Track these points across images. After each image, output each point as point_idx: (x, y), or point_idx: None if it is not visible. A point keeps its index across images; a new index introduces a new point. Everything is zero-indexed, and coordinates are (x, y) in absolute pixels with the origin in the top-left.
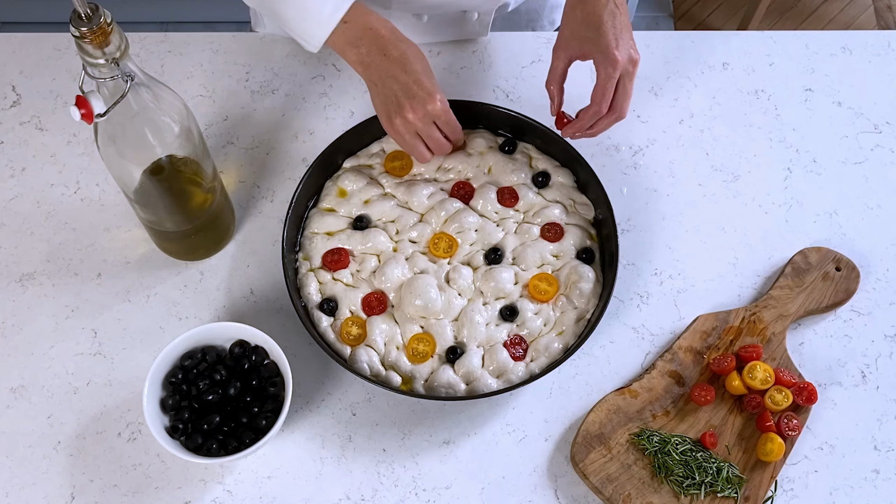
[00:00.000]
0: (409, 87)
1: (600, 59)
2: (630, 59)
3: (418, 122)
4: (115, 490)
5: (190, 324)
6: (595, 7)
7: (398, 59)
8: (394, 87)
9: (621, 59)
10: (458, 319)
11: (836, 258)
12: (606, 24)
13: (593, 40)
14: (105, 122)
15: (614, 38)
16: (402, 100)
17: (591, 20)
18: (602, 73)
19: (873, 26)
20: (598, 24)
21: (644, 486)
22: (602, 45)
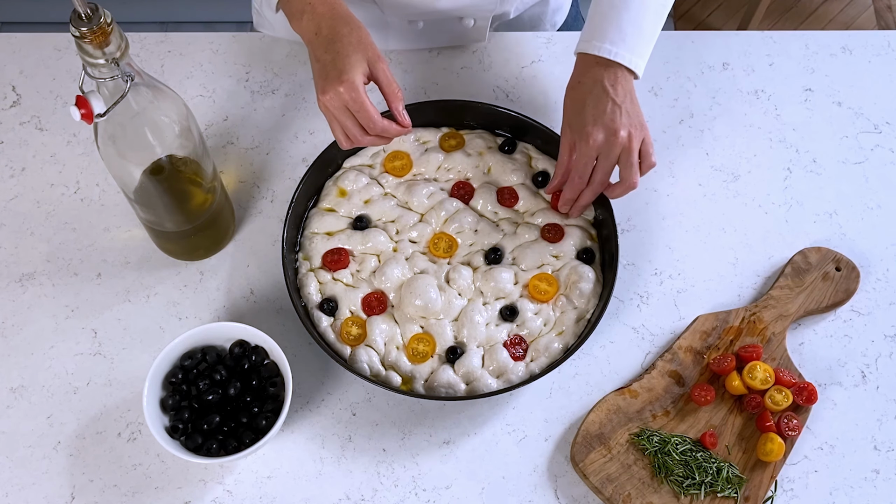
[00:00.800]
0: (325, 67)
1: (578, 141)
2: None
3: (329, 105)
4: (115, 490)
5: (190, 324)
6: (580, 93)
7: (326, 37)
8: (315, 67)
9: (595, 138)
10: (458, 319)
11: (836, 258)
12: (587, 107)
13: (574, 125)
14: (105, 122)
15: (592, 117)
16: (317, 80)
17: (576, 105)
18: (578, 152)
19: (873, 26)
20: (580, 109)
21: (644, 486)
22: (578, 127)
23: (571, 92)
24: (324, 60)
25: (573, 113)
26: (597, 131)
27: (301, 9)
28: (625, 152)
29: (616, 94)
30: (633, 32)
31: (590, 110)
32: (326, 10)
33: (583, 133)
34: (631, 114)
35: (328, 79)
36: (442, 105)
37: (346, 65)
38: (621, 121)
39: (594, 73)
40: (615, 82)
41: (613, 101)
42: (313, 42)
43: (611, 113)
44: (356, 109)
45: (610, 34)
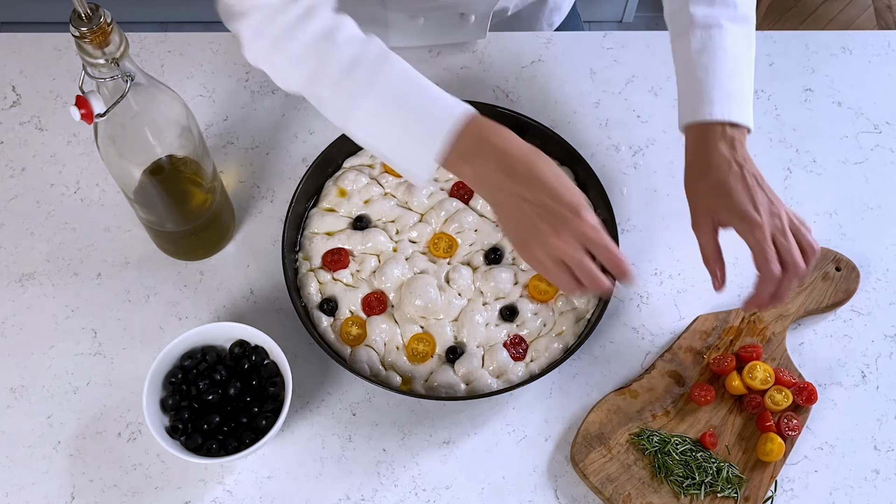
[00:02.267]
0: (546, 205)
1: (743, 228)
2: (773, 214)
3: (564, 248)
4: (115, 490)
5: (190, 324)
6: (718, 174)
7: (526, 176)
8: (527, 210)
9: (763, 219)
10: (458, 319)
11: (836, 258)
12: (736, 189)
13: (727, 208)
14: (105, 122)
15: (749, 200)
16: (539, 224)
17: (719, 189)
18: (751, 240)
19: (873, 26)
20: (727, 192)
21: (644, 486)
22: (739, 212)
23: (704, 179)
24: (539, 200)
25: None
26: (763, 213)
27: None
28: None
29: (751, 168)
30: (735, 88)
31: (740, 192)
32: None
33: (748, 220)
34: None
35: (557, 217)
36: None
37: (573, 197)
38: (770, 195)
39: (718, 150)
40: (741, 152)
41: (754, 177)
42: (504, 185)
43: (760, 189)
44: (598, 244)
45: (716, 96)
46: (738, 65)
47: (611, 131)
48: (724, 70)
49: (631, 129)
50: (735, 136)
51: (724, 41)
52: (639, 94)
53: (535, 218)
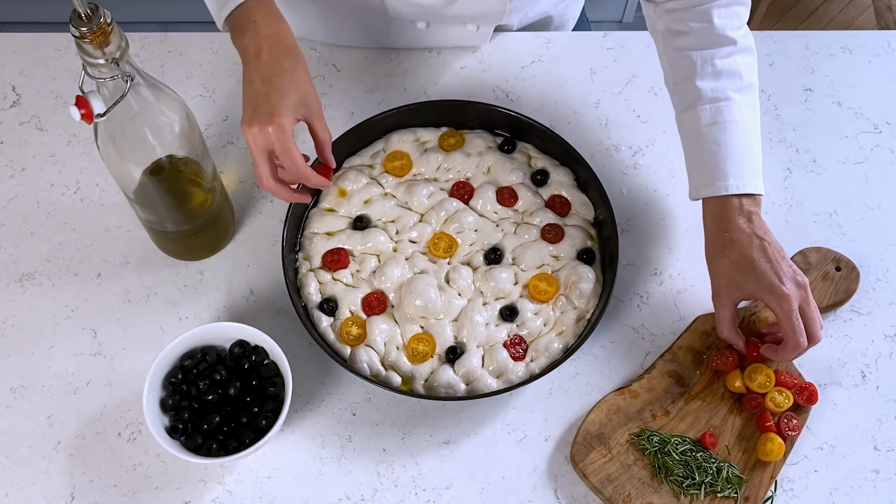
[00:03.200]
0: (257, 98)
1: (771, 300)
2: (798, 285)
3: (253, 140)
4: (115, 490)
5: (190, 324)
6: (742, 250)
7: (265, 65)
8: (247, 91)
9: (791, 292)
10: (458, 319)
11: (836, 258)
12: (760, 263)
13: (754, 282)
14: (105, 122)
15: (774, 274)
16: (246, 107)
17: (743, 264)
18: (779, 310)
19: (873, 26)
20: (751, 266)
21: (644, 486)
22: (766, 286)
23: (725, 255)
24: (257, 90)
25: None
26: (789, 287)
27: (244, 24)
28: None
29: (771, 241)
30: (747, 159)
31: (765, 266)
32: (271, 33)
33: (777, 293)
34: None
35: (258, 113)
36: (442, 105)
37: (279, 105)
38: (793, 267)
39: (737, 225)
40: (760, 224)
41: (776, 248)
42: (251, 64)
43: (785, 260)
44: (281, 152)
45: (730, 170)
46: (748, 135)
47: (611, 131)
48: (736, 142)
49: (631, 129)
50: (751, 208)
51: (734, 113)
52: (639, 94)
53: (249, 102)
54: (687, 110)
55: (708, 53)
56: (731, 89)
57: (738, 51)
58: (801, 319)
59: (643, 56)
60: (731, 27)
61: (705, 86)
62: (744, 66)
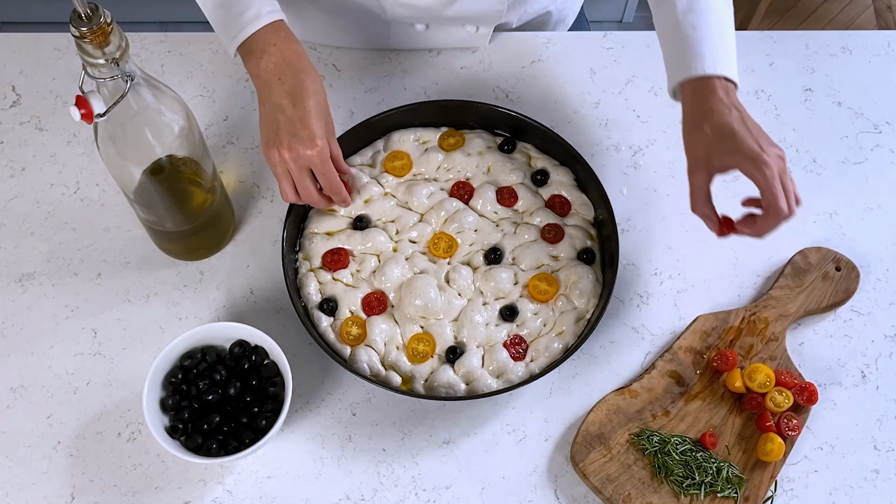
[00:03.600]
0: (292, 123)
1: (753, 168)
2: (778, 156)
3: (292, 163)
4: (115, 490)
5: (190, 324)
6: (721, 118)
7: (292, 90)
8: (278, 118)
9: (772, 159)
10: (458, 319)
11: (836, 258)
12: (741, 132)
13: (734, 150)
14: (105, 122)
15: (755, 141)
16: (281, 135)
17: (724, 132)
18: (761, 178)
19: (873, 26)
20: (731, 133)
21: (644, 486)
22: (748, 153)
23: (706, 122)
24: (289, 114)
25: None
26: (770, 155)
27: (263, 49)
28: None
29: (748, 115)
30: (723, 46)
31: (746, 134)
32: (292, 56)
33: (758, 160)
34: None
35: (296, 137)
36: (442, 105)
37: (318, 128)
38: (770, 139)
39: (717, 97)
40: (737, 101)
41: (754, 123)
42: (273, 88)
43: (760, 132)
44: (321, 171)
45: (706, 52)
46: (723, 23)
47: (611, 131)
48: (711, 27)
49: (631, 129)
50: (731, 91)
51: (708, 2)
52: (639, 94)
53: (281, 128)
54: (661, 4)
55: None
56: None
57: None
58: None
59: (643, 56)
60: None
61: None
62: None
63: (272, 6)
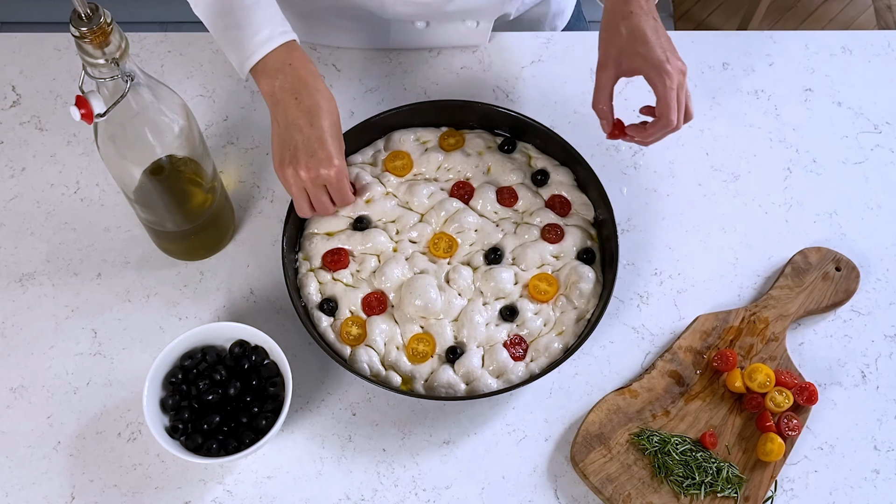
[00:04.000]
0: (310, 143)
1: (655, 74)
2: (680, 70)
3: (309, 182)
4: (115, 490)
5: (190, 324)
6: (639, 22)
7: (308, 109)
8: (295, 137)
9: (674, 71)
10: (458, 319)
11: (836, 258)
12: (652, 39)
13: (643, 55)
14: (105, 122)
15: (663, 51)
16: (299, 154)
17: (638, 35)
18: (660, 86)
19: (873, 26)
20: (644, 40)
21: (644, 486)
22: (654, 60)
23: (624, 23)
24: (308, 134)
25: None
26: (675, 62)
27: (278, 68)
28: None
29: (662, 26)
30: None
31: (656, 43)
32: (307, 76)
33: (662, 69)
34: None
35: (314, 157)
36: (442, 105)
37: (334, 148)
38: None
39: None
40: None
41: (666, 33)
42: (288, 106)
43: (669, 44)
44: (337, 189)
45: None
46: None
47: None
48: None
49: None
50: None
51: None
52: (639, 94)
53: (298, 147)
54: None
55: None
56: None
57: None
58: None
59: None
60: None
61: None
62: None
63: (284, 26)
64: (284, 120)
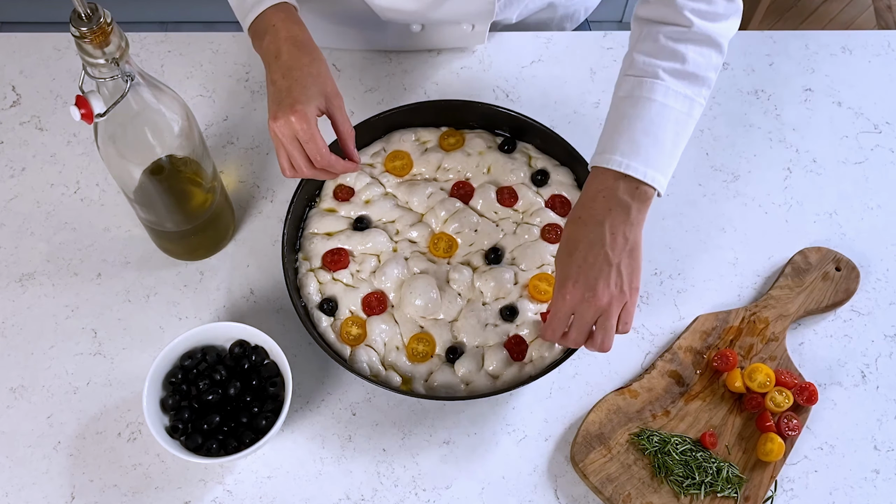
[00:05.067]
0: (280, 92)
1: (556, 286)
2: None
3: (279, 131)
4: (115, 490)
5: (190, 324)
6: (577, 232)
7: (285, 63)
8: (270, 90)
9: (568, 299)
10: (458, 319)
11: (836, 258)
12: (577, 255)
13: (561, 263)
14: (105, 122)
15: (577, 270)
16: (270, 104)
17: (568, 246)
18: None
19: (873, 26)
20: (571, 251)
21: (644, 486)
22: (561, 272)
23: (570, 225)
24: (279, 86)
25: (564, 252)
26: (576, 289)
27: (264, 29)
28: (602, 316)
29: (614, 247)
30: (647, 142)
31: (578, 260)
32: (288, 35)
33: (562, 285)
34: (624, 274)
35: (281, 105)
36: (442, 105)
37: (301, 95)
38: (608, 283)
39: (598, 207)
40: (618, 227)
41: (607, 257)
42: (272, 65)
43: (597, 271)
44: (305, 140)
45: (621, 145)
46: (662, 121)
47: None
48: (641, 122)
49: None
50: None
51: (654, 93)
52: None
53: (272, 98)
54: (619, 77)
55: (656, 28)
56: (666, 70)
57: (692, 36)
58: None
59: None
60: (693, 9)
61: (639, 58)
62: (693, 54)
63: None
64: (269, 79)
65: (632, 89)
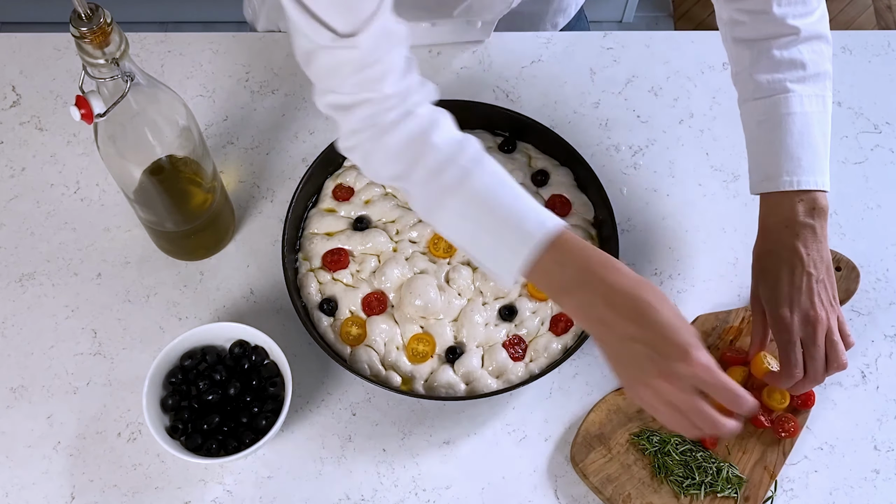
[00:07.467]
0: (653, 345)
1: (772, 323)
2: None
3: (673, 391)
4: (115, 490)
5: (190, 324)
6: (775, 262)
7: (632, 312)
8: (632, 349)
9: (794, 324)
10: (458, 319)
11: (836, 258)
12: (783, 281)
13: (768, 300)
14: (105, 122)
15: (788, 297)
16: (645, 364)
17: (769, 277)
18: (777, 338)
19: (873, 26)
20: (774, 282)
21: (644, 486)
22: (771, 308)
23: (762, 258)
24: (646, 338)
25: (767, 287)
26: (795, 315)
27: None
28: (827, 333)
29: (813, 265)
30: (804, 154)
31: (785, 287)
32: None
33: (779, 318)
34: (828, 288)
35: (665, 359)
36: (442, 105)
37: (686, 332)
38: (820, 299)
39: (786, 235)
40: (811, 246)
41: (810, 276)
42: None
43: (808, 292)
44: (712, 385)
45: (784, 165)
46: (809, 128)
47: (611, 131)
48: (792, 137)
49: (631, 129)
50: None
51: (791, 106)
52: (639, 94)
53: (641, 358)
54: (745, 102)
55: (766, 44)
56: (791, 80)
57: (801, 39)
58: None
59: (643, 56)
60: (793, 15)
61: (762, 78)
62: (808, 54)
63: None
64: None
65: (768, 112)
